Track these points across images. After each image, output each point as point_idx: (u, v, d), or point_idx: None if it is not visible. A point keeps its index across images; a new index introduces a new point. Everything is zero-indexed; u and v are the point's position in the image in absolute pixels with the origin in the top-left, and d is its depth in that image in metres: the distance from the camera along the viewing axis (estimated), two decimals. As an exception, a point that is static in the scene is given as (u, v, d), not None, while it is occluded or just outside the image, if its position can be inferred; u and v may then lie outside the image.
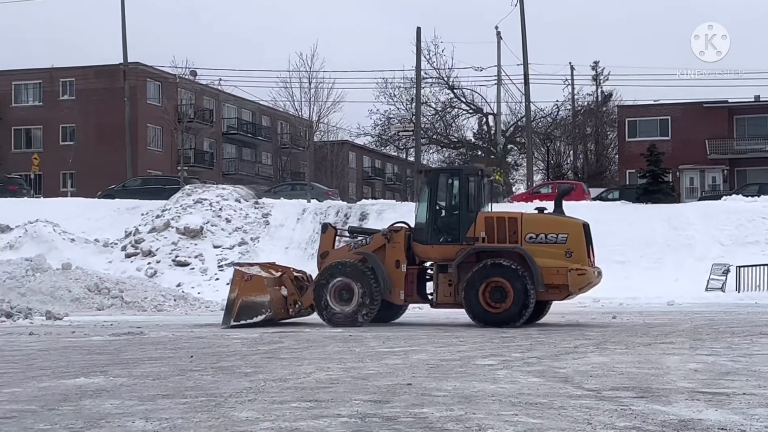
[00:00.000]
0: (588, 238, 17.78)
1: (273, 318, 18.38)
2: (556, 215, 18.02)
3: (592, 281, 17.58)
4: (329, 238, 18.91)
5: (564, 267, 16.97)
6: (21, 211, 37.94)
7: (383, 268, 17.71)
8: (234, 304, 18.04)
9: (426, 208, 18.01)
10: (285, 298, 18.62)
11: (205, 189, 40.79)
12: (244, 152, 74.94)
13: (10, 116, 63.76)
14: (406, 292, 17.85)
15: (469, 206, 17.78)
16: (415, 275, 18.00)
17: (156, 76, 63.20)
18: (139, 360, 11.65)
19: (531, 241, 17.14)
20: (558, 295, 17.59)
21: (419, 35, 49.38)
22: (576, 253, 17.17)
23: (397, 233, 18.03)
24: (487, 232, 17.34)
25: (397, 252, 17.85)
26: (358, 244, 18.50)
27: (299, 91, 56.79)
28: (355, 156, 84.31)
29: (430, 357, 11.58)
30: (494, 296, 17.07)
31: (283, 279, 18.83)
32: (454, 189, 18.06)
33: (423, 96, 52.70)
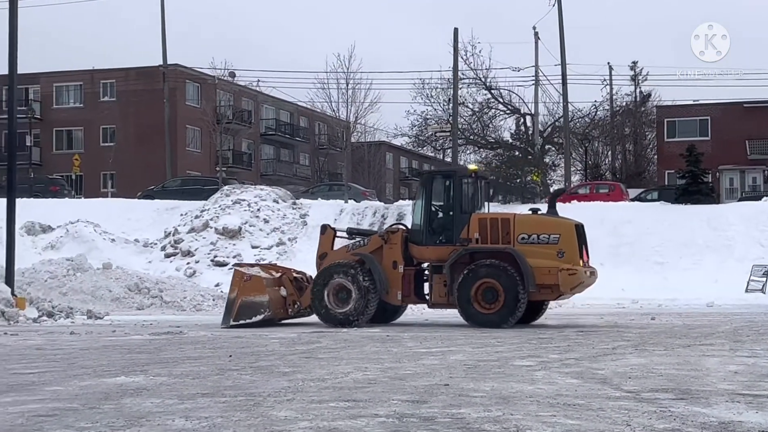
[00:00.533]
0: (581, 238, 17.88)
1: (272, 318, 18.54)
2: (548, 216, 18.16)
3: (583, 281, 17.63)
4: (328, 239, 19.11)
5: (555, 267, 17.07)
6: (62, 211, 38.34)
7: (380, 269, 17.92)
8: (233, 304, 18.29)
9: (421, 209, 18.24)
10: (284, 299, 18.80)
11: (244, 190, 41.00)
12: (282, 153, 75.25)
13: (51, 118, 64.47)
14: (403, 292, 18.04)
15: (462, 208, 18.00)
16: (412, 276, 18.19)
17: (195, 78, 63.64)
18: (179, 359, 11.74)
19: (523, 241, 17.30)
20: (550, 295, 17.74)
21: (456, 36, 49.32)
22: (568, 253, 17.28)
23: (394, 234, 18.25)
24: (480, 233, 17.55)
25: (394, 253, 18.07)
26: (356, 245, 18.70)
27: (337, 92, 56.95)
28: (392, 157, 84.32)
29: (468, 357, 11.57)
30: (486, 297, 17.22)
31: (282, 279, 19.03)
32: (448, 191, 18.25)
33: (460, 97, 52.58)
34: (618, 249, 33.78)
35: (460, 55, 50.97)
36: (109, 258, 31.07)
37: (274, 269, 19.87)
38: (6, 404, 7.87)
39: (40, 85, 64.57)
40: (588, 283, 18.05)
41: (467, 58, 52.94)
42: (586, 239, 18.26)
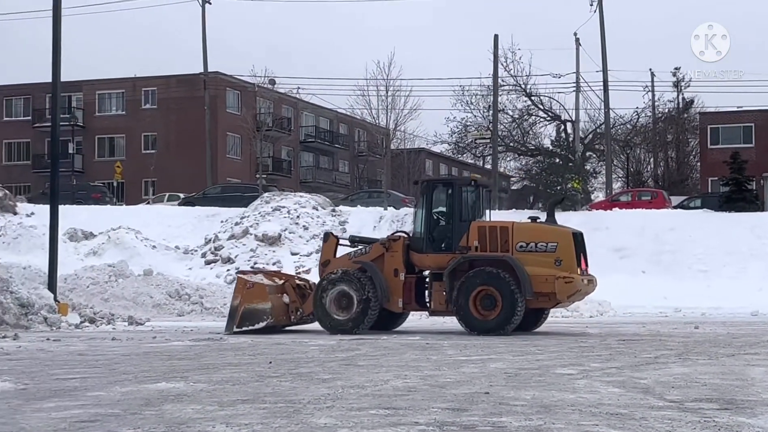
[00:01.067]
0: (579, 246, 17.98)
1: (275, 325, 18.63)
2: (547, 224, 18.34)
3: (580, 289, 17.73)
4: (331, 247, 19.20)
5: (552, 275, 17.19)
6: (104, 218, 38.70)
7: (381, 277, 18.06)
8: (237, 310, 18.46)
9: (421, 217, 18.43)
10: (287, 305, 18.95)
11: (283, 197, 41.16)
12: (321, 160, 75.46)
13: (94, 125, 65.16)
14: (404, 300, 18.18)
15: (462, 216, 18.14)
16: (413, 283, 18.33)
17: (235, 86, 64.04)
18: (219, 365, 11.78)
19: (521, 249, 17.44)
20: (548, 303, 17.89)
21: (496, 42, 49.21)
22: (565, 261, 17.38)
23: (396, 242, 18.41)
24: (480, 241, 17.70)
25: (396, 261, 18.21)
26: (358, 253, 18.85)
27: (376, 98, 57.04)
28: (431, 163, 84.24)
29: (508, 366, 11.49)
30: (484, 304, 17.36)
31: (285, 287, 19.17)
32: (448, 199, 18.41)
33: (500, 103, 52.44)
34: (660, 257, 33.48)
35: (501, 62, 50.86)
36: (150, 264, 31.29)
37: (277, 276, 20.01)
38: (49, 409, 7.93)
39: (83, 92, 65.29)
40: (585, 291, 18.24)
41: (507, 64, 52.84)
42: (585, 247, 18.41)
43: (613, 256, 33.62)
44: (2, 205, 37.94)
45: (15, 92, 67.50)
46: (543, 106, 55.80)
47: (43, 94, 60.77)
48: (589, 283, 18.17)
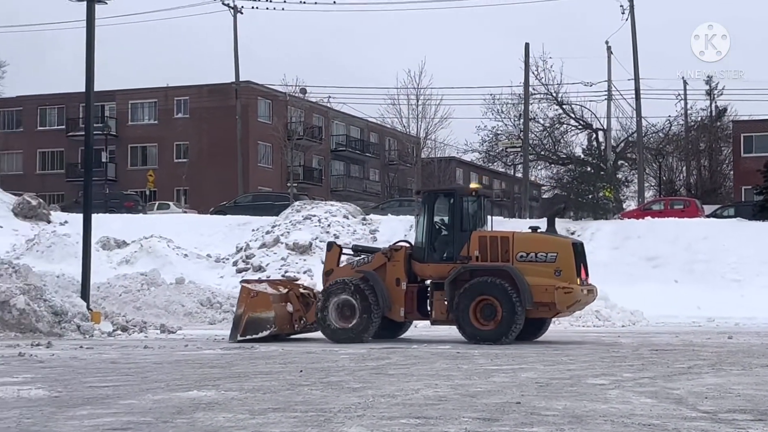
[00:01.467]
0: (579, 257, 18.05)
1: (279, 333, 18.73)
2: (547, 234, 18.46)
3: (580, 299, 17.83)
4: (334, 256, 19.37)
5: (552, 285, 17.26)
6: (136, 226, 38.94)
7: (383, 286, 18.17)
8: (240, 319, 18.64)
9: (423, 227, 18.56)
10: (290, 314, 19.05)
11: (314, 205, 41.24)
12: (352, 169, 75.59)
13: (126, 134, 65.66)
14: (405, 309, 18.25)
15: (462, 226, 18.25)
16: (415, 293, 18.40)
17: (267, 95, 64.33)
18: (250, 374, 11.81)
19: (522, 259, 17.54)
20: (548, 313, 17.97)
21: (527, 51, 49.11)
22: (565, 271, 17.45)
23: (397, 252, 18.51)
24: (480, 250, 17.80)
25: (398, 270, 18.31)
26: (361, 262, 18.97)
27: (407, 107, 57.12)
28: (462, 172, 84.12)
29: (539, 375, 11.44)
30: (484, 313, 17.45)
31: (289, 295, 19.27)
32: (449, 209, 18.53)
33: (531, 112, 52.29)
34: (693, 266, 33.21)
35: (532, 71, 50.75)
36: (181, 273, 31.44)
37: (282, 285, 20.12)
38: (81, 417, 7.99)
39: (116, 102, 65.83)
40: (585, 301, 18.34)
41: (538, 73, 52.67)
42: (585, 258, 18.49)
43: (645, 266, 33.40)
44: (36, 213, 38.29)
45: (49, 102, 68.19)
46: (574, 114, 55.58)
47: (76, 103, 61.33)
48: (589, 293, 18.24)
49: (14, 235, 35.54)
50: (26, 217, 37.91)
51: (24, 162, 68.08)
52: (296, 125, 64.20)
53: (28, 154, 68.03)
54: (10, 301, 20.76)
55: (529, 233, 18.58)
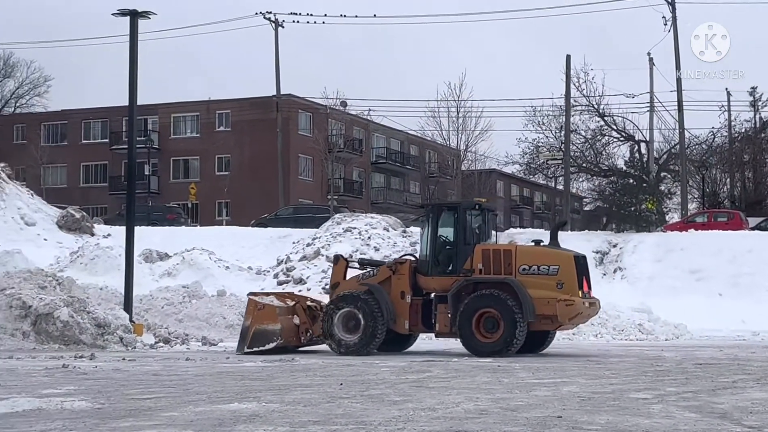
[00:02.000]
0: (582, 269, 18.16)
1: (285, 345, 18.91)
2: (549, 247, 18.49)
3: (581, 312, 17.91)
4: (340, 270, 19.49)
5: (554, 298, 17.36)
6: (179, 239, 39.21)
7: (388, 299, 18.30)
8: (248, 331, 18.89)
9: (427, 240, 18.69)
10: (297, 327, 19.28)
11: (354, 218, 41.30)
12: (392, 181, 75.68)
13: (169, 147, 66.26)
14: (410, 322, 18.39)
15: (466, 239, 18.36)
16: (420, 305, 18.50)
17: (307, 108, 64.62)
18: (291, 386, 11.83)
19: (524, 272, 17.65)
20: (550, 326, 18.05)
21: (569, 63, 48.89)
22: (567, 284, 17.55)
23: (402, 265, 18.71)
24: (483, 263, 17.93)
25: (402, 283, 18.47)
26: (367, 275, 19.12)
27: (447, 120, 57.05)
28: (502, 185, 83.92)
29: (581, 389, 11.35)
30: (487, 326, 17.58)
31: (296, 308, 19.47)
32: (452, 223, 18.68)
33: (572, 124, 52.02)
34: (738, 279, 32.83)
35: (573, 82, 50.48)
36: (223, 285, 31.57)
37: (289, 298, 20.30)
38: (124, 429, 8.04)
39: (159, 115, 66.45)
40: (587, 314, 18.39)
41: (580, 85, 52.39)
42: (588, 270, 18.61)
43: (688, 278, 33.09)
44: (80, 226, 38.69)
45: (93, 116, 69.02)
46: (616, 126, 55.21)
47: (120, 117, 62.01)
48: (591, 306, 18.30)
49: (58, 247, 35.93)
50: (70, 229, 38.32)
51: (68, 175, 68.91)
52: (337, 138, 64.41)
53: (72, 168, 68.87)
54: (54, 313, 20.99)
55: (531, 246, 18.82)
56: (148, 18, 24.58)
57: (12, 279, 24.00)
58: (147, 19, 24.64)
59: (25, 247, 32.34)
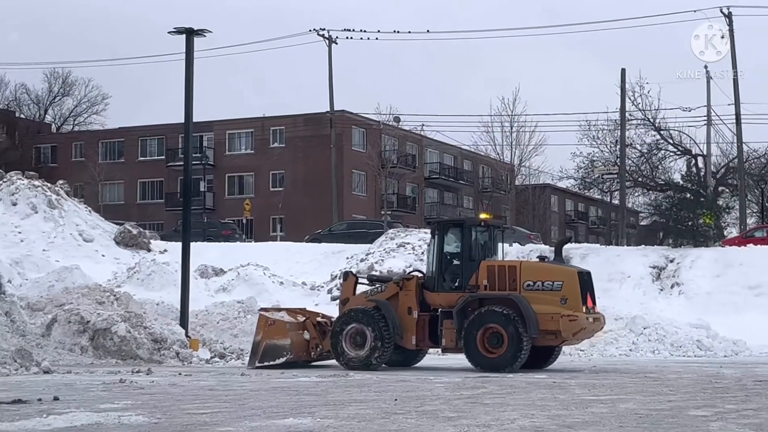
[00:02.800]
0: (586, 285, 18.37)
1: (296, 360, 19.25)
2: (554, 263, 18.85)
3: (585, 327, 18.13)
4: (350, 286, 19.82)
5: (558, 313, 17.61)
6: (233, 254, 39.49)
7: (395, 315, 18.55)
8: (258, 346, 19.25)
9: (433, 257, 18.98)
10: (307, 342, 19.62)
11: (408, 233, 41.28)
12: (445, 196, 75.57)
13: (224, 164, 66.84)
14: (417, 337, 18.65)
15: (471, 255, 18.66)
16: (427, 321, 18.72)
17: (361, 123, 64.83)
18: (345, 402, 11.83)
19: (529, 288, 17.90)
20: (554, 341, 18.27)
21: (623, 76, 48.51)
22: (570, 300, 17.79)
23: (409, 281, 18.96)
24: (489, 279, 18.19)
25: (409, 299, 18.71)
26: (375, 291, 19.42)
27: (501, 134, 56.91)
28: (557, 199, 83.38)
29: (639, 406, 11.21)
30: (492, 342, 17.81)
31: (306, 324, 19.80)
32: (458, 239, 18.96)
33: (628, 138, 51.55)
34: (798, 295, 32.22)
35: (628, 96, 50.07)
36: (277, 300, 31.73)
37: (300, 314, 20.56)
38: (180, 443, 8.08)
39: (214, 132, 67.10)
40: (591, 329, 18.63)
41: (635, 98, 51.93)
42: (592, 286, 18.83)
43: (747, 294, 32.55)
44: (137, 242, 39.14)
45: (149, 133, 69.93)
46: (672, 140, 54.60)
47: (175, 134, 62.74)
48: (595, 321, 18.52)
49: (116, 263, 36.37)
50: (127, 245, 38.77)
51: (125, 192, 69.81)
52: (390, 153, 64.52)
53: (129, 184, 69.76)
54: (111, 329, 21.25)
55: (536, 262, 19.26)
56: (203, 36, 24.87)
57: (71, 294, 24.36)
58: (202, 37, 24.93)
59: (84, 263, 32.77)
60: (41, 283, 28.36)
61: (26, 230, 35.83)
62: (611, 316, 26.42)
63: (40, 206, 37.01)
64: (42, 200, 37.36)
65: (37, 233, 35.75)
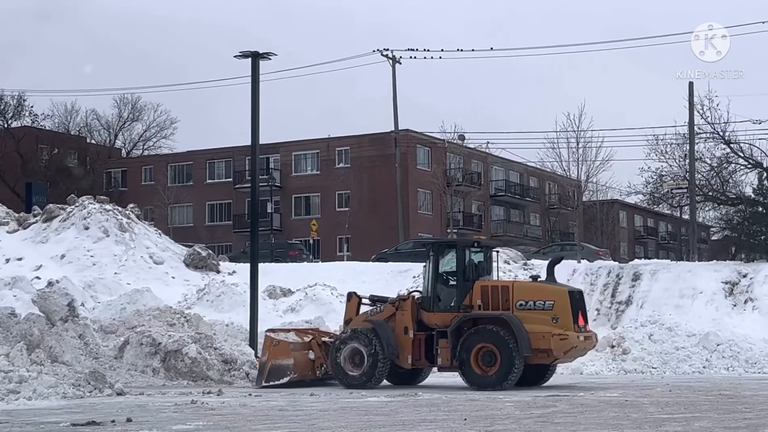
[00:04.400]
0: (577, 304, 18.75)
1: (301, 379, 19.71)
2: (546, 283, 19.18)
3: (576, 346, 18.50)
4: (353, 306, 20.45)
5: (549, 332, 17.99)
6: (301, 275, 39.67)
7: (391, 334, 19.06)
8: (265, 366, 19.71)
9: (429, 277, 19.48)
10: (312, 361, 20.17)
11: (475, 251, 41.10)
12: (512, 213, 75.18)
13: (290, 185, 67.35)
14: (413, 356, 19.10)
15: (465, 276, 19.08)
16: (423, 340, 19.16)
17: (425, 142, 64.87)
18: (415, 422, 11.80)
19: (521, 307, 18.33)
20: (546, 359, 18.62)
21: (691, 90, 47.82)
22: (562, 319, 18.18)
23: (405, 302, 19.48)
24: (483, 299, 18.64)
25: (405, 319, 19.18)
26: (374, 312, 19.91)
27: (567, 150, 56.47)
28: (625, 215, 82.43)
29: (713, 425, 11.00)
30: (485, 360, 18.25)
31: (311, 344, 20.34)
32: (452, 260, 19.41)
33: (697, 152, 50.75)
34: None
35: (696, 110, 49.35)
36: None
37: (307, 334, 21.12)
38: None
39: (280, 154, 67.66)
40: (583, 347, 18.98)
41: (704, 112, 51.15)
42: (584, 305, 19.31)
43: (824, 309, 31.74)
44: (206, 264, 39.51)
45: (217, 156, 70.77)
46: (743, 153, 53.66)
47: (242, 156, 63.35)
48: (587, 340, 18.87)
49: (185, 285, 36.75)
50: (197, 267, 39.17)
51: (194, 214, 70.67)
52: (455, 171, 64.42)
53: (198, 207, 70.61)
54: (182, 350, 21.48)
55: (528, 282, 19.78)
56: (268, 59, 25.12)
57: (142, 317, 24.71)
58: (268, 60, 25.18)
59: (154, 285, 33.19)
60: (113, 306, 28.77)
61: (98, 254, 36.38)
62: (684, 333, 26.04)
63: (111, 230, 37.57)
64: (113, 224, 37.92)
65: (108, 256, 36.28)
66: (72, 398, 16.60)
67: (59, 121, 76.39)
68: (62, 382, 17.43)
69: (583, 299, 19.42)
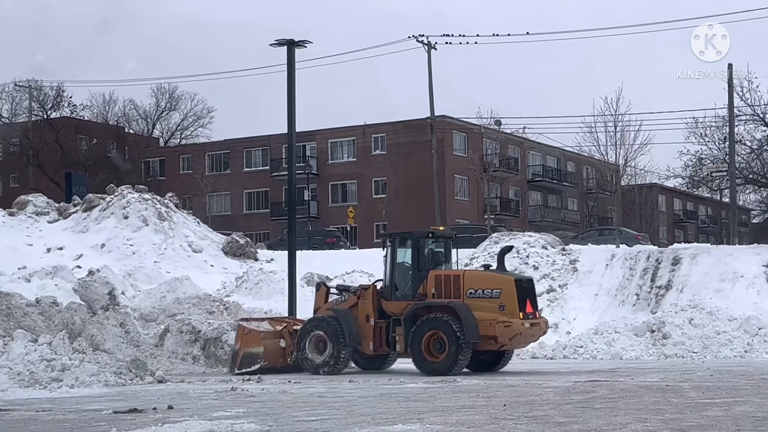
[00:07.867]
0: (526, 292, 19.13)
1: (273, 366, 20.14)
2: (494, 272, 19.68)
3: (521, 333, 18.83)
4: (322, 295, 21.07)
5: (494, 319, 18.43)
6: (338, 262, 39.75)
7: (352, 323, 19.65)
8: (237, 354, 20.28)
9: (387, 267, 20.01)
10: (283, 349, 20.64)
11: (512, 236, 40.97)
12: (549, 199, 74.85)
13: (327, 173, 67.45)
14: (375, 343, 19.68)
15: (419, 265, 19.64)
16: (384, 328, 19.67)
17: (461, 128, 64.68)
18: (454, 408, 11.81)
19: (471, 296, 18.84)
20: (493, 346, 19.00)
21: (731, 71, 47.29)
22: (508, 306, 18.60)
23: (366, 291, 20.09)
24: (436, 288, 19.18)
25: (367, 307, 19.77)
26: (339, 301, 20.55)
27: (605, 135, 55.98)
28: (665, 199, 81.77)
29: (756, 409, 10.91)
30: (435, 347, 18.73)
31: (282, 332, 20.80)
32: (408, 250, 20.00)
33: (737, 134, 50.19)
34: None
35: (736, 92, 48.78)
36: (383, 307, 31.80)
37: (279, 323, 21.51)
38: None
39: (316, 141, 67.78)
40: (529, 334, 19.32)
41: (743, 94, 50.56)
42: (534, 292, 19.80)
43: None
44: (244, 252, 39.71)
45: (254, 144, 71.04)
46: (784, 134, 52.97)
47: (279, 144, 63.58)
48: (534, 327, 19.16)
49: (224, 273, 36.97)
50: (235, 255, 39.37)
51: (232, 202, 71.03)
52: (492, 157, 64.19)
53: (236, 195, 70.96)
54: (222, 338, 21.65)
55: (478, 271, 20.45)
56: (304, 47, 25.16)
57: (182, 305, 24.90)
58: (303, 48, 25.22)
59: (193, 273, 33.40)
60: (153, 294, 28.99)
61: (138, 242, 36.67)
62: (725, 317, 25.79)
63: (150, 219, 37.84)
64: (152, 213, 38.18)
65: (148, 245, 36.55)
66: (114, 386, 16.78)
67: (98, 111, 77.04)
68: (104, 370, 17.63)
69: (533, 287, 19.98)
